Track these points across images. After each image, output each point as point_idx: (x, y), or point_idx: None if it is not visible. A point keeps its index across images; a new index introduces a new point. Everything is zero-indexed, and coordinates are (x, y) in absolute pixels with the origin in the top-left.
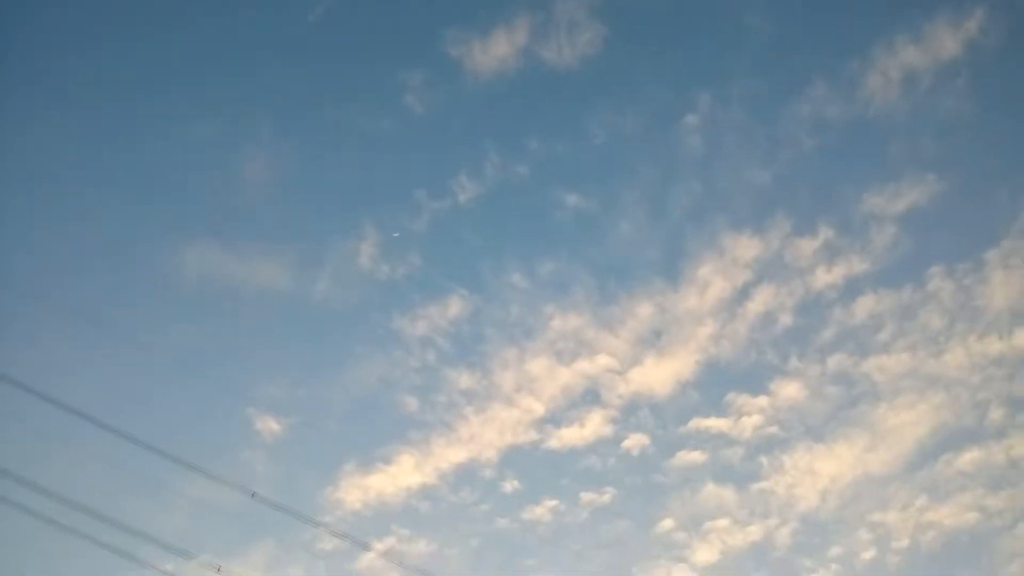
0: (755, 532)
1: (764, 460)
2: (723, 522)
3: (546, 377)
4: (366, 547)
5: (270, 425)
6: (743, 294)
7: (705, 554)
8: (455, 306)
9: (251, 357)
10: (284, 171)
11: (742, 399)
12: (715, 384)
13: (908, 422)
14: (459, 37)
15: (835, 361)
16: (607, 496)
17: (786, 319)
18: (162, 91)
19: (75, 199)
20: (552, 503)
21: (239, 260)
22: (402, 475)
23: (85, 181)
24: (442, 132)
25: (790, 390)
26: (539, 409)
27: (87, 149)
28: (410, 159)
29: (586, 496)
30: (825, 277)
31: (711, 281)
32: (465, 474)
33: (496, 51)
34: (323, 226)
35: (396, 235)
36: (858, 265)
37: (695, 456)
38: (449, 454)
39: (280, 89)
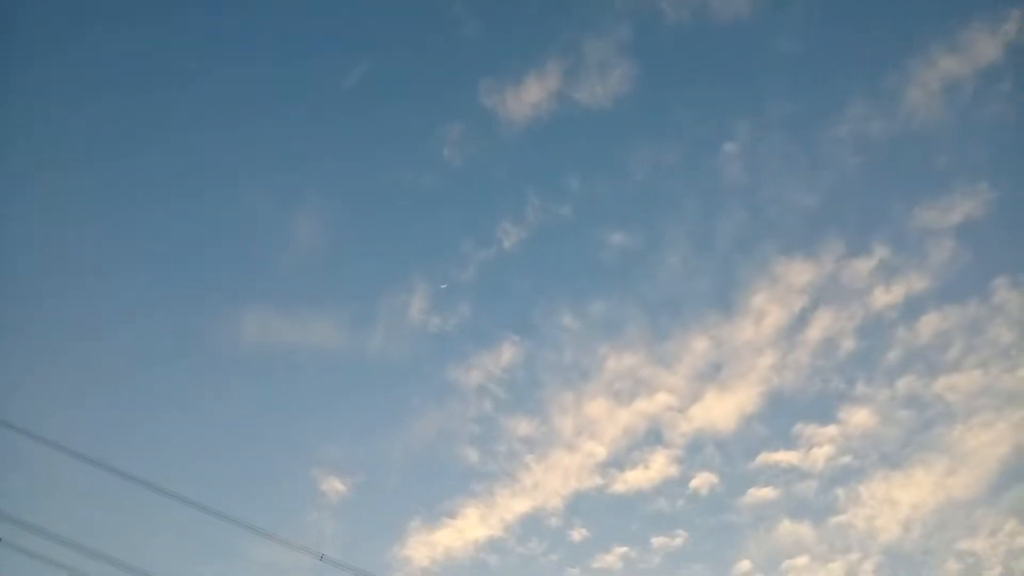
0: (837, 569)
1: (840, 492)
2: (803, 559)
3: (606, 419)
4: None
5: (335, 485)
6: (801, 320)
7: None
8: (508, 353)
9: (311, 418)
10: (332, 231)
11: (810, 430)
12: (781, 416)
13: (988, 442)
14: (492, 87)
15: (904, 383)
16: (679, 539)
17: (848, 343)
18: (211, 162)
19: (134, 272)
20: (622, 549)
21: (293, 322)
22: (468, 528)
23: (146, 256)
24: (483, 181)
25: (860, 417)
26: (601, 453)
27: (141, 225)
28: (453, 210)
29: (657, 540)
30: (884, 297)
31: (766, 310)
32: (531, 524)
33: (529, 97)
34: (373, 283)
35: (444, 286)
36: (918, 282)
37: (767, 492)
38: (514, 504)
39: (323, 152)
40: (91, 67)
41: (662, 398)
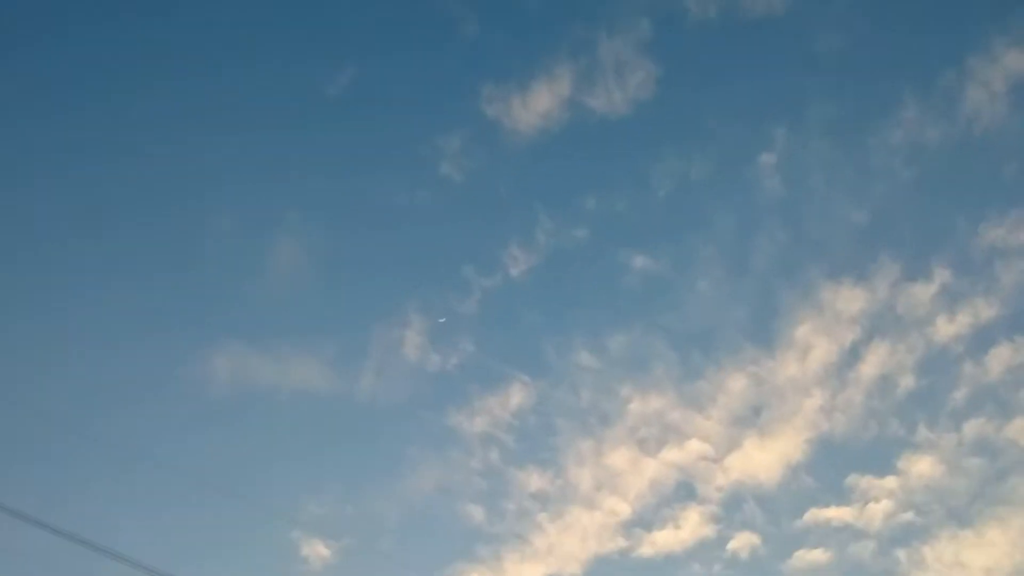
0: None
1: (901, 554)
2: None
3: (630, 471)
4: None
5: (318, 549)
6: (853, 355)
7: None
8: (517, 395)
9: (292, 470)
10: (314, 257)
11: (866, 482)
12: (832, 466)
13: None
14: (495, 94)
15: (973, 427)
16: None
17: (908, 381)
18: (177, 178)
19: (83, 304)
20: None
21: (271, 360)
22: None
23: (97, 285)
24: (486, 199)
25: (923, 466)
26: (625, 510)
27: (96, 248)
28: (453, 232)
29: None
30: (948, 328)
31: (813, 343)
32: None
33: (538, 105)
34: (362, 315)
35: (443, 320)
36: (985, 310)
37: (817, 555)
38: (525, 570)
39: (304, 168)
40: (38, 68)
41: (694, 446)
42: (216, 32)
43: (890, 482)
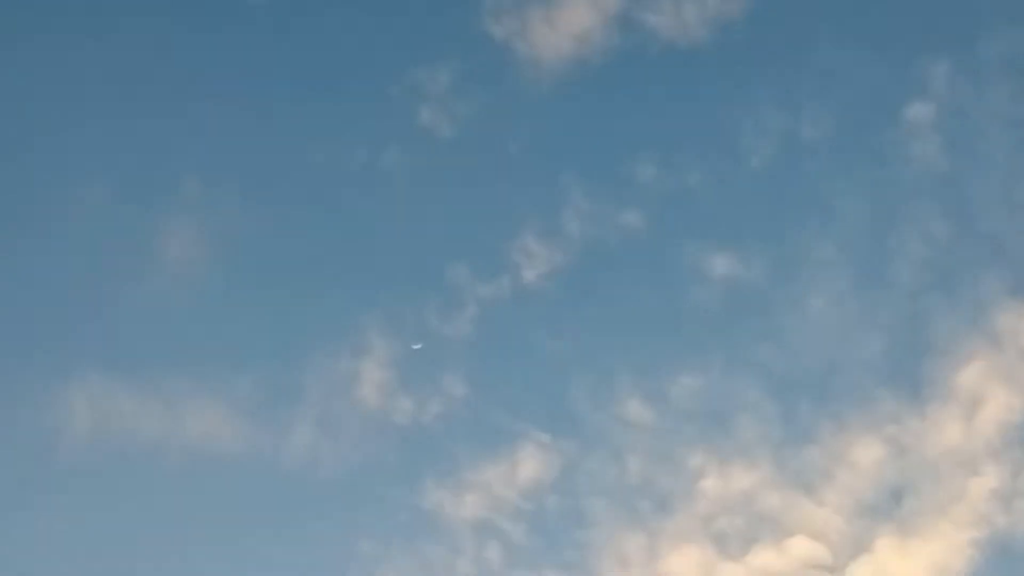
0: None
1: None
2: None
3: None
4: None
5: None
6: None
7: None
8: (530, 462)
9: (186, 566)
10: (224, 247)
11: None
12: None
13: None
14: (506, 6)
15: None
16: None
17: None
18: (14, 123)
19: None
20: None
21: (156, 403)
22: None
23: None
24: (489, 165)
25: None
26: None
27: None
28: (438, 214)
29: None
30: None
31: (985, 393)
32: None
33: (571, 23)
34: (295, 338)
35: (418, 347)
36: None
37: None
38: None
39: (211, 112)
40: None
41: (801, 546)
42: None
43: None
